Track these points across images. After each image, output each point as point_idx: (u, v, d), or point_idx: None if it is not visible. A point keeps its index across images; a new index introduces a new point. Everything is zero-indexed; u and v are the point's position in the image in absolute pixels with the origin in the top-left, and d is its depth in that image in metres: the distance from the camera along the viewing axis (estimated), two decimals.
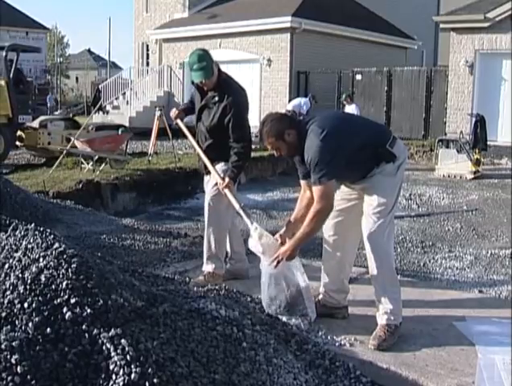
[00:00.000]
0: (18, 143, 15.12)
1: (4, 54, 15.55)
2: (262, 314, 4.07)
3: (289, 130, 4.10)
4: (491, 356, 3.84)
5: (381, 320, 4.10)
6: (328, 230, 4.37)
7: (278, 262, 4.13)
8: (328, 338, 4.07)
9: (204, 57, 4.91)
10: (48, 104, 29.94)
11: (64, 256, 3.05)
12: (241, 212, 4.85)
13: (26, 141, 15.15)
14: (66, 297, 2.82)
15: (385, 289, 4.09)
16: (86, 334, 2.70)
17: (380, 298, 4.12)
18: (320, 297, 4.51)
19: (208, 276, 5.17)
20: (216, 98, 4.97)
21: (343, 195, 4.35)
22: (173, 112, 5.44)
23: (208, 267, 5.22)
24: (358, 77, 21.08)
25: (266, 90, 23.09)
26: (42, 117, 16.42)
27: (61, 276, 2.92)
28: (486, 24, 17.32)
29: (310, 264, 5.98)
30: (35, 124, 15.62)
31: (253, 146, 5.51)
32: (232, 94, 4.97)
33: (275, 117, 4.22)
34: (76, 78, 65.94)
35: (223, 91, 4.98)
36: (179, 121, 5.39)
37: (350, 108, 17.65)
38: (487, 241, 8.72)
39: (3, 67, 15.57)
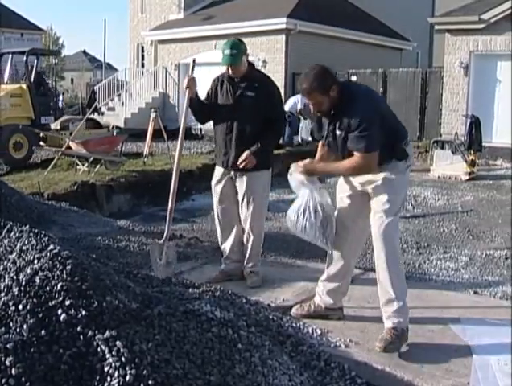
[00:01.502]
0: (41, 143, 15.32)
1: (25, 58, 16.32)
2: (258, 316, 4.07)
3: (334, 86, 3.97)
4: (486, 357, 3.85)
5: (388, 323, 4.01)
6: (337, 239, 4.28)
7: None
8: (324, 339, 4.07)
9: (236, 45, 5.11)
10: (60, 105, 29.82)
11: (59, 258, 3.05)
12: None
13: (50, 142, 15.32)
14: (61, 298, 2.82)
15: (392, 291, 3.99)
16: (81, 336, 2.69)
17: (386, 300, 4.04)
18: (317, 298, 4.48)
19: None
20: (256, 84, 5.13)
21: (351, 209, 4.27)
22: (189, 80, 5.17)
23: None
24: (353, 78, 21.08)
25: None
26: (64, 118, 16.73)
27: (56, 277, 2.92)
28: (481, 26, 17.34)
29: (305, 266, 6.01)
30: (56, 124, 15.96)
31: None
32: (271, 81, 5.31)
33: (323, 70, 4.04)
34: (72, 79, 65.74)
35: (261, 79, 5.25)
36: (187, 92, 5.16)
37: None
38: (482, 242, 8.73)
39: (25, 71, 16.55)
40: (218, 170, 5.35)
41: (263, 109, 5.09)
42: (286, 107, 18.41)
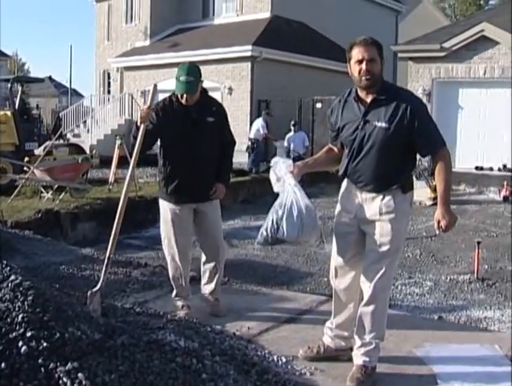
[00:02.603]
0: (26, 169, 15.23)
1: (9, 85, 16.85)
2: (222, 345, 4.05)
3: (383, 62, 3.87)
4: (450, 383, 3.87)
5: (358, 360, 3.89)
6: (341, 284, 4.10)
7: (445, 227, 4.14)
8: (289, 367, 4.05)
9: (193, 72, 4.84)
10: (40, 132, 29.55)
11: (21, 289, 3.01)
12: None
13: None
14: (22, 330, 2.78)
15: (372, 328, 3.87)
16: (42, 369, 2.65)
17: (362, 336, 3.89)
18: (326, 339, 4.25)
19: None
20: (214, 108, 4.99)
21: (351, 246, 4.03)
22: (145, 111, 4.75)
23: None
24: (318, 105, 21.25)
25: None
26: (47, 143, 16.72)
27: (17, 309, 2.88)
28: (443, 54, 17.73)
29: (270, 293, 6.00)
30: (40, 150, 15.98)
31: None
32: (221, 104, 5.22)
33: None
34: (37, 105, 65.02)
35: (215, 102, 5.13)
36: (143, 126, 4.68)
37: (301, 135, 17.79)
38: (446, 267, 8.83)
39: (9, 99, 17.08)
40: (172, 204, 5.04)
41: (222, 133, 5.03)
42: (251, 134, 18.54)
